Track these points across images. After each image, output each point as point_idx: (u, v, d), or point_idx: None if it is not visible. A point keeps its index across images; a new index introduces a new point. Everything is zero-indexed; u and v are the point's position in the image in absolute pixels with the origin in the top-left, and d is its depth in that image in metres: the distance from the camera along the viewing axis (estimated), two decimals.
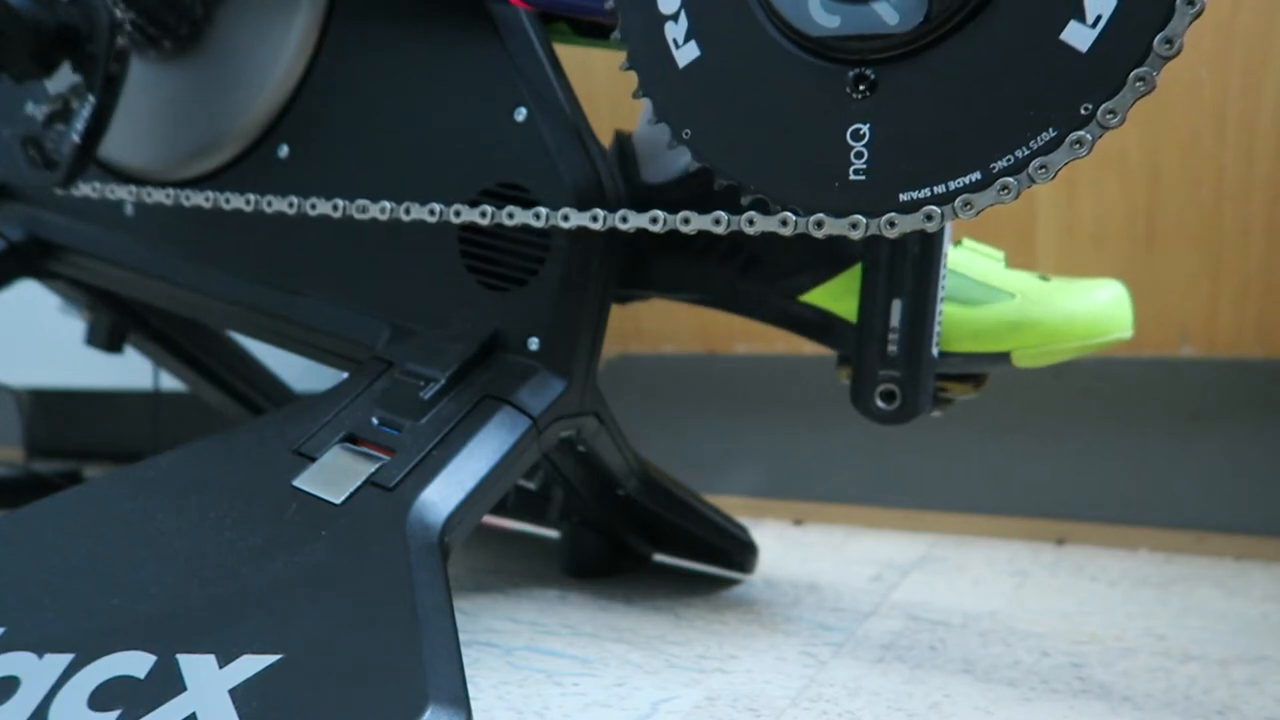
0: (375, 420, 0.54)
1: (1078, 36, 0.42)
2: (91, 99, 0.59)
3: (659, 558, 0.81)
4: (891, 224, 0.45)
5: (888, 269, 0.58)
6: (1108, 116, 0.41)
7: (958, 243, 0.63)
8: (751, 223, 0.49)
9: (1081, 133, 0.42)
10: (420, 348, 0.58)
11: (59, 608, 0.46)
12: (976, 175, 0.44)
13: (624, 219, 0.52)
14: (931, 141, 0.45)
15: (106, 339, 0.88)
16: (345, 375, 0.60)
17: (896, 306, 0.58)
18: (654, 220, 0.51)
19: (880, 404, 0.58)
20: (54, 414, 1.46)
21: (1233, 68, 0.84)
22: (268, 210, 0.61)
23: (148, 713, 0.40)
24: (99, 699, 0.41)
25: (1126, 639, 0.63)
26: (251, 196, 0.61)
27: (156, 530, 0.50)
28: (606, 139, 0.60)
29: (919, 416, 0.58)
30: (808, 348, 1.02)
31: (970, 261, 0.62)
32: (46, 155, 0.61)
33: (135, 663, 0.42)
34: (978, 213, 0.44)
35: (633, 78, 0.51)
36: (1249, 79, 0.83)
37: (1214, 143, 0.85)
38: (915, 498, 0.97)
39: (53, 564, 0.49)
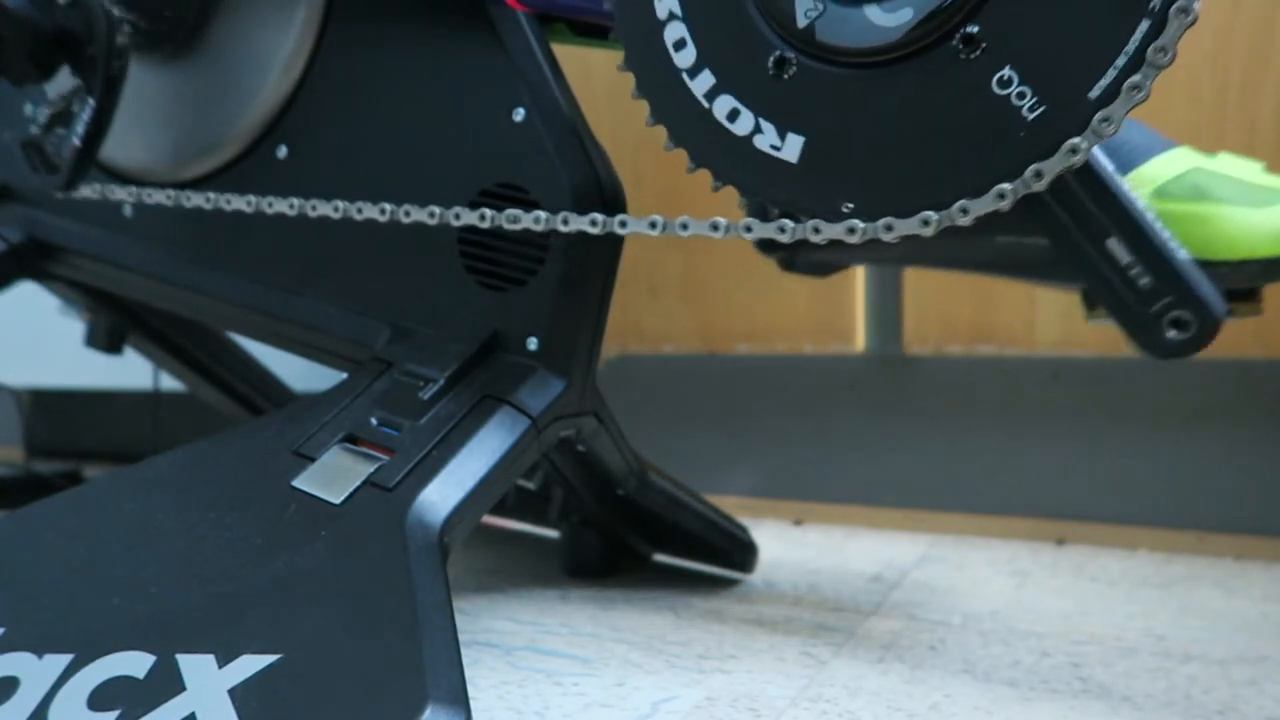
0: (375, 420, 0.54)
1: None
2: (91, 102, 0.59)
3: (659, 558, 0.81)
4: (1038, 175, 0.43)
5: (1075, 222, 0.54)
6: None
7: (1213, 154, 0.59)
8: (749, 230, 0.49)
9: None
10: (420, 348, 0.58)
11: (59, 608, 0.46)
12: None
13: (622, 224, 0.52)
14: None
15: (106, 340, 0.88)
16: (345, 375, 0.60)
17: (1115, 245, 0.53)
18: (652, 225, 0.51)
19: (1174, 334, 0.54)
20: (54, 414, 1.46)
21: (1233, 68, 0.84)
22: (268, 211, 0.61)
23: (147, 713, 0.40)
24: (99, 699, 0.41)
25: (1126, 639, 0.63)
26: (251, 198, 0.61)
27: (156, 530, 0.50)
28: (606, 139, 0.60)
29: (1222, 323, 0.54)
30: (808, 347, 1.02)
31: (1238, 166, 0.58)
32: (47, 159, 0.61)
33: (135, 663, 0.42)
34: (1116, 126, 0.42)
35: (632, 78, 0.52)
36: (1249, 79, 0.83)
37: (1214, 143, 0.85)
38: (915, 498, 0.97)
39: (53, 564, 0.49)
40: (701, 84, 0.49)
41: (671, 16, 0.49)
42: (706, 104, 0.49)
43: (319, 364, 0.70)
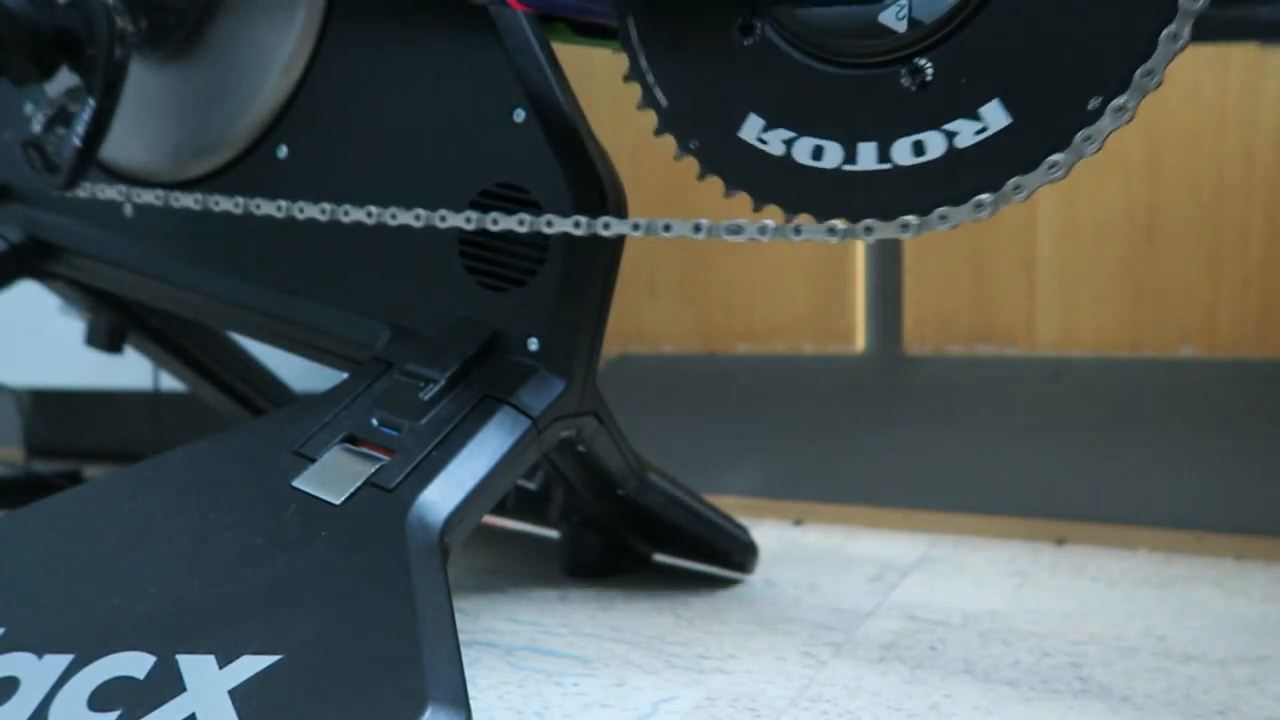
0: (375, 421, 0.54)
1: None
2: (91, 102, 0.59)
3: (659, 558, 0.81)
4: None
5: None
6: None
7: None
8: (739, 231, 0.49)
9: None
10: (420, 348, 0.58)
11: (59, 608, 0.46)
12: None
13: (605, 225, 0.52)
14: None
15: (106, 339, 0.89)
16: (345, 375, 0.60)
17: None
18: (635, 227, 0.52)
19: None
20: (54, 414, 1.46)
21: (1233, 68, 0.84)
22: (256, 212, 0.61)
23: (148, 713, 0.40)
24: (99, 699, 0.41)
25: (1126, 639, 0.63)
26: (240, 199, 0.61)
27: (156, 530, 0.51)
28: (606, 139, 0.60)
29: None
30: (808, 347, 1.02)
31: None
32: (48, 159, 0.61)
33: (135, 663, 0.42)
34: (1099, 145, 0.42)
35: (636, 88, 0.52)
36: (1249, 79, 0.83)
37: (1214, 143, 0.85)
38: (915, 498, 0.97)
39: (53, 564, 0.49)
40: None
41: None
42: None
43: (319, 364, 0.70)
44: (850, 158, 0.47)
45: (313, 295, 0.65)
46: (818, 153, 0.48)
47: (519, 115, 0.57)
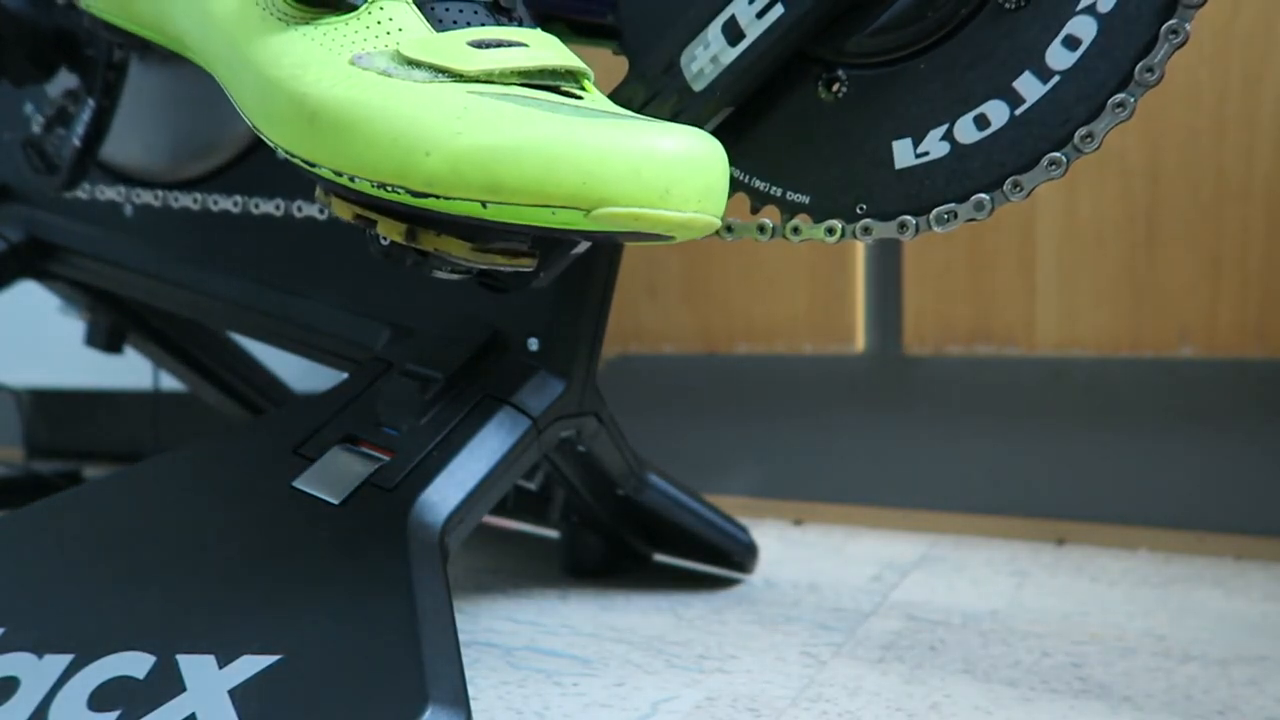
0: (375, 421, 0.54)
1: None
2: (91, 102, 0.59)
3: (659, 558, 0.81)
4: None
5: None
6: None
7: None
8: (731, 230, 0.49)
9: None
10: (420, 348, 0.58)
11: (59, 608, 0.46)
12: None
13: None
14: None
15: (106, 339, 0.88)
16: (345, 375, 0.60)
17: None
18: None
19: None
20: (54, 414, 1.46)
21: (1232, 68, 0.84)
22: (254, 211, 0.61)
23: (148, 713, 0.40)
24: (99, 699, 0.41)
25: (1126, 639, 0.63)
26: (239, 197, 0.61)
27: (156, 530, 0.50)
28: None
29: None
30: (808, 347, 1.02)
31: None
32: (48, 158, 0.61)
33: (135, 663, 0.42)
34: (1098, 143, 0.43)
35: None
36: (1249, 79, 0.83)
37: (1214, 143, 0.85)
38: (915, 498, 0.97)
39: (53, 564, 0.49)
40: None
41: None
42: None
43: (319, 364, 0.70)
44: None
45: (313, 295, 0.65)
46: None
47: None
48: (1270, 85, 0.83)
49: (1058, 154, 0.43)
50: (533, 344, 0.57)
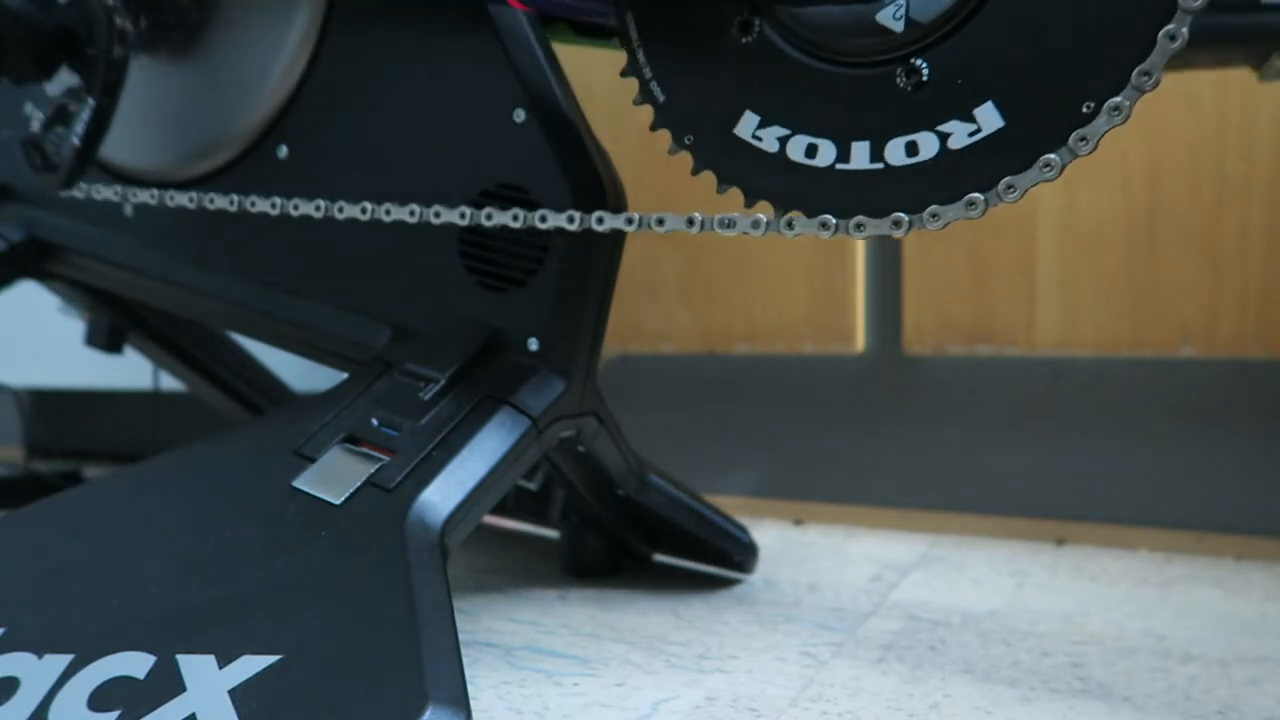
0: (375, 421, 0.54)
1: None
2: (91, 101, 0.59)
3: (659, 558, 0.81)
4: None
5: None
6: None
7: None
8: (732, 224, 0.49)
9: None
10: (420, 348, 0.58)
11: (59, 608, 0.46)
12: None
13: (599, 220, 0.52)
14: None
15: (106, 339, 0.88)
16: (345, 375, 0.60)
17: None
18: (629, 221, 0.52)
19: None
20: (54, 414, 1.46)
21: (1232, 69, 0.84)
22: (251, 210, 0.61)
23: (148, 713, 0.40)
24: (99, 699, 0.41)
25: (1126, 639, 0.63)
26: (234, 197, 0.61)
27: (156, 530, 0.51)
28: (606, 139, 0.60)
29: None
30: (808, 347, 1.02)
31: None
32: (47, 157, 0.61)
33: (135, 663, 0.42)
34: (1093, 146, 0.43)
35: (632, 80, 0.52)
36: (1249, 80, 0.83)
37: (1214, 144, 0.85)
38: (915, 498, 0.97)
39: (53, 564, 0.49)
40: None
41: None
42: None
43: (319, 364, 0.70)
44: (844, 156, 0.47)
45: (313, 295, 0.65)
46: (811, 151, 0.48)
47: (519, 115, 0.57)
48: (1269, 87, 0.83)
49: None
50: (533, 344, 0.57)
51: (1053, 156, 0.43)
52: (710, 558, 0.78)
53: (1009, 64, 0.43)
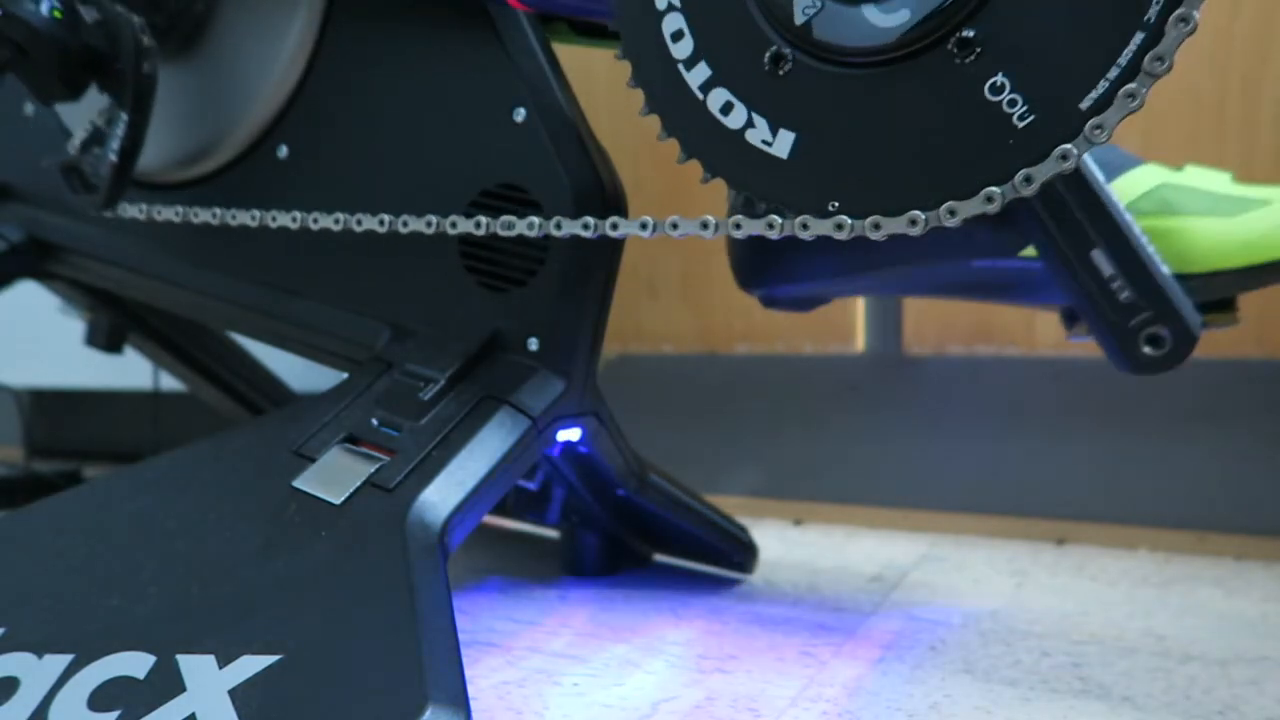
0: (375, 421, 0.54)
1: None
2: (124, 116, 0.59)
3: (659, 558, 0.81)
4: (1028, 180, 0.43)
5: (1062, 231, 0.54)
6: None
7: (1180, 168, 0.59)
8: (739, 226, 0.49)
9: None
10: (420, 348, 0.58)
11: (59, 608, 0.46)
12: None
13: (614, 226, 0.52)
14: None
15: (106, 339, 0.88)
16: (345, 375, 0.60)
17: (1099, 256, 0.54)
18: (644, 226, 0.51)
19: (1150, 351, 0.54)
20: (54, 414, 1.46)
21: (1232, 69, 0.84)
22: (250, 223, 0.61)
23: (148, 713, 0.40)
24: (99, 699, 0.41)
25: (1126, 639, 0.63)
26: (218, 209, 0.61)
27: (156, 530, 0.51)
28: (606, 139, 0.60)
29: (1190, 352, 0.54)
30: (808, 347, 1.02)
31: (1206, 178, 0.58)
32: (86, 180, 0.61)
33: (135, 663, 0.42)
34: (1108, 134, 0.42)
35: (629, 69, 0.51)
36: (1249, 80, 0.83)
37: (1214, 143, 0.85)
38: (915, 498, 0.97)
39: (53, 564, 0.49)
40: (697, 76, 0.49)
41: (670, 7, 0.49)
42: (701, 96, 0.49)
43: (319, 364, 0.70)
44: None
45: (313, 295, 0.65)
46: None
47: (519, 115, 0.57)
48: (1270, 85, 0.83)
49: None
50: (533, 344, 0.57)
51: (1069, 148, 0.42)
52: (710, 558, 0.78)
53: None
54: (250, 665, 0.41)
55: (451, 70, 0.60)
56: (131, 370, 1.06)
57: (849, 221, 0.46)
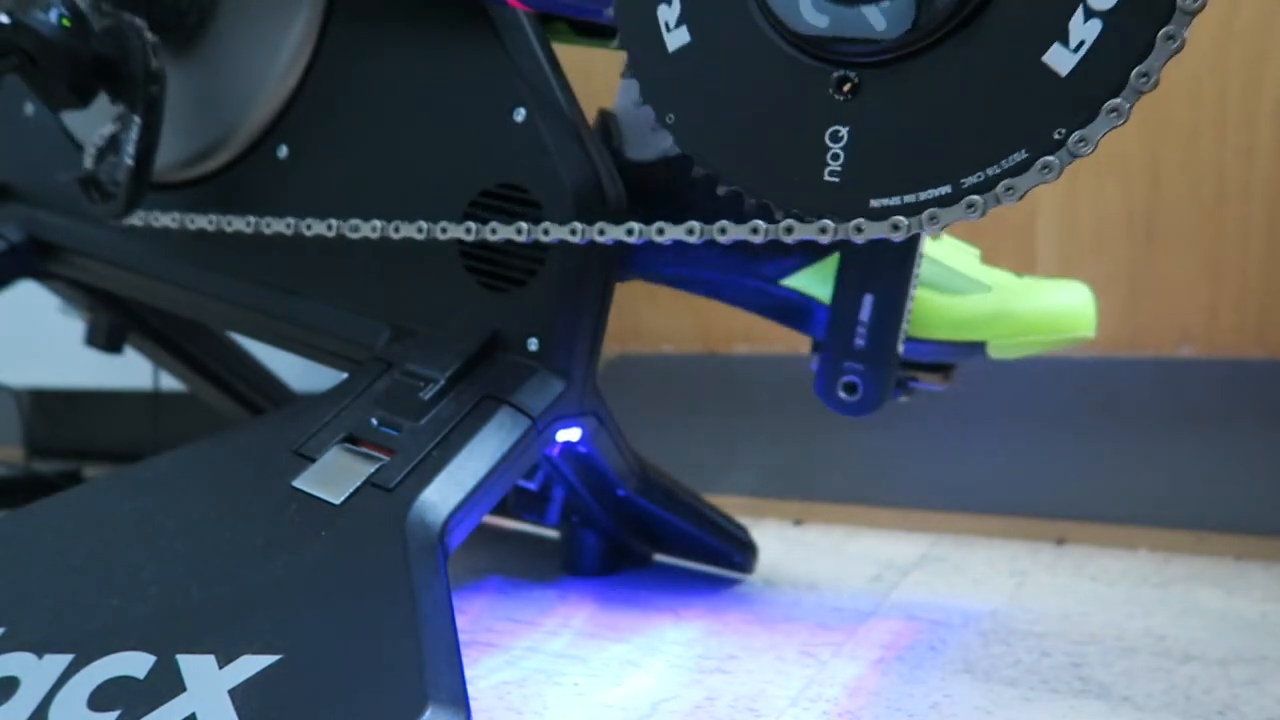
0: (375, 421, 0.54)
1: (1059, 60, 0.42)
2: (137, 120, 0.59)
3: (659, 558, 0.81)
4: (859, 229, 0.46)
5: (862, 264, 0.59)
6: (1079, 144, 0.42)
7: (938, 238, 0.64)
8: (724, 231, 0.49)
9: (1051, 158, 0.42)
10: (420, 348, 0.58)
11: (59, 608, 0.46)
12: (946, 189, 0.44)
13: (600, 232, 0.52)
14: (906, 151, 0.45)
15: (106, 339, 0.88)
16: (345, 375, 0.60)
17: (868, 301, 0.58)
18: (629, 232, 0.52)
19: (842, 394, 0.60)
20: (54, 414, 1.46)
21: (1232, 68, 0.84)
22: (245, 229, 0.61)
23: (147, 713, 0.40)
24: (99, 699, 0.41)
25: (1126, 639, 0.63)
26: (214, 216, 0.62)
27: (156, 530, 0.50)
28: None
29: (876, 410, 0.59)
30: (808, 347, 1.01)
31: (951, 253, 0.64)
32: (104, 189, 0.61)
33: (135, 663, 0.42)
34: (942, 227, 0.44)
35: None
36: (1249, 79, 0.83)
37: (1214, 143, 0.85)
38: (915, 498, 0.97)
39: (53, 564, 0.49)
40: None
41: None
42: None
43: (319, 364, 0.70)
44: None
45: (313, 295, 0.65)
46: None
47: (519, 115, 0.57)
48: (1270, 85, 0.83)
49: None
50: (533, 344, 0.57)
51: (1051, 159, 0.42)
52: (710, 558, 0.78)
53: None
54: (250, 665, 0.41)
55: (452, 70, 0.60)
56: (131, 370, 1.06)
57: (832, 225, 0.47)
